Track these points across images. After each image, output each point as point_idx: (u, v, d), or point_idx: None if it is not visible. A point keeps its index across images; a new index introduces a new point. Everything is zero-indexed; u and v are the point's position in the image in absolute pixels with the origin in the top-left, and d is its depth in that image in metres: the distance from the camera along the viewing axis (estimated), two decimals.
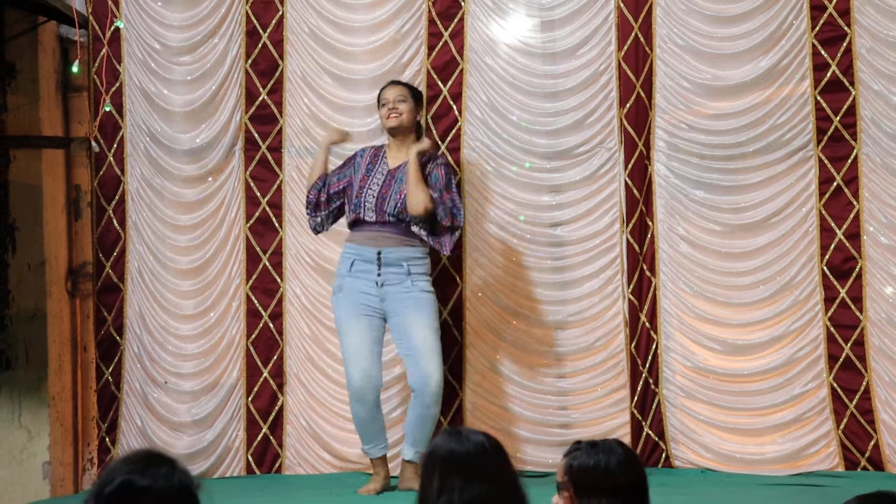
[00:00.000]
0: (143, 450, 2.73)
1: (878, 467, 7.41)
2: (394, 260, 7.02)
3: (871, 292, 7.50)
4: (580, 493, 3.71)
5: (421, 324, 6.96)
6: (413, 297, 6.99)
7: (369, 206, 7.05)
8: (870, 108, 7.51)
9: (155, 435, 7.98)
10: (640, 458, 3.99)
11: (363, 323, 7.03)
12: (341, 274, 7.11)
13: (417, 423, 6.98)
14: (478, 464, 3.59)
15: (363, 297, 7.04)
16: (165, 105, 8.08)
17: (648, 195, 7.70)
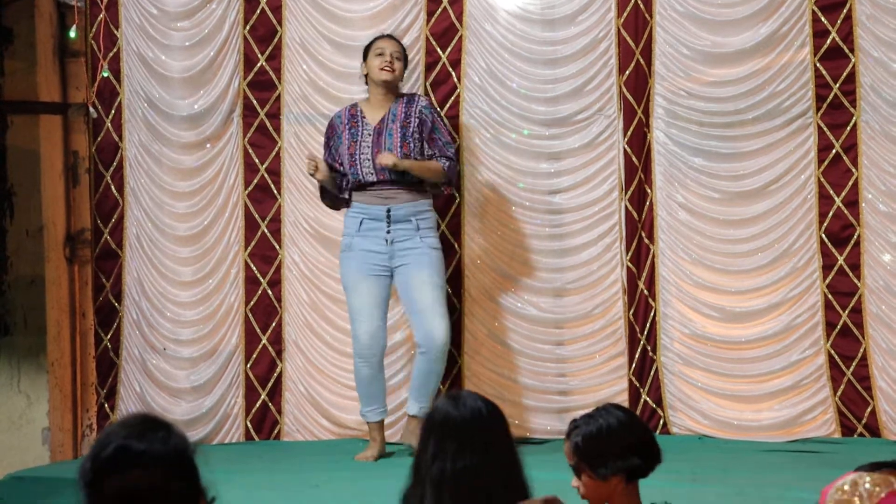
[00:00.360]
0: (140, 414, 2.72)
1: (875, 434, 7.44)
2: (402, 216, 7.03)
3: (869, 259, 7.51)
4: (594, 465, 3.72)
5: (428, 281, 6.97)
6: (421, 254, 7.00)
7: (367, 170, 7.05)
8: (869, 75, 7.50)
9: (154, 401, 7.99)
10: (637, 416, 3.99)
11: (371, 283, 7.04)
12: (349, 233, 7.13)
13: (422, 378, 7.01)
14: (473, 430, 3.60)
15: (372, 257, 7.05)
16: (163, 71, 8.06)
17: (647, 163, 7.69)
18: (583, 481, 3.77)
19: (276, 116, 8.01)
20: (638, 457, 3.76)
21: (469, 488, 3.55)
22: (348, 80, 7.90)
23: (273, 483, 6.64)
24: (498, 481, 3.56)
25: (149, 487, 2.55)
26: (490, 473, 3.56)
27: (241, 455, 7.40)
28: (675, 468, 6.51)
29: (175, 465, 2.59)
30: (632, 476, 3.78)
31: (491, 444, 3.60)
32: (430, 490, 3.60)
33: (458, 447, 3.58)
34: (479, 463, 3.56)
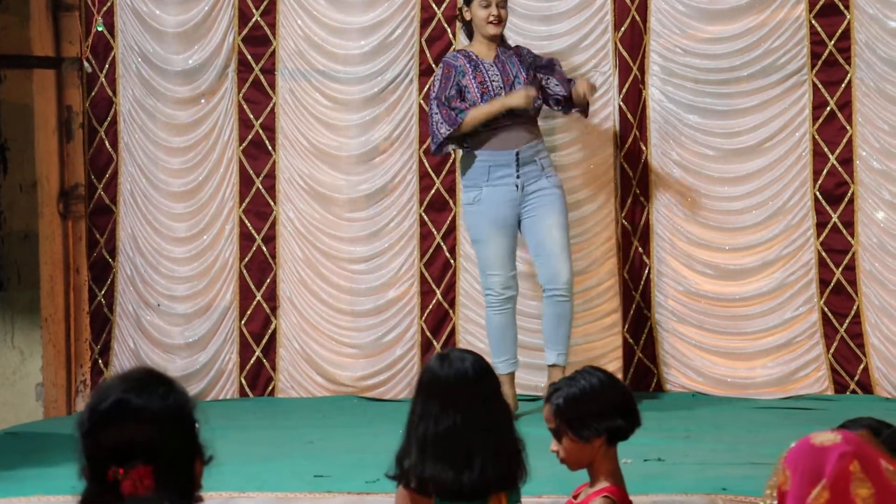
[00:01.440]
0: (142, 368, 2.73)
1: (867, 391, 7.46)
2: (529, 158, 6.88)
3: (863, 217, 7.51)
4: (576, 426, 3.72)
5: (551, 221, 6.86)
6: (549, 195, 6.88)
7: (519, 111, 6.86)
8: (864, 32, 7.48)
9: (148, 357, 7.99)
10: (618, 378, 3.99)
11: (502, 233, 6.89)
12: (477, 184, 6.91)
13: (552, 322, 6.90)
14: (456, 391, 3.61)
15: (504, 207, 6.89)
16: (157, 25, 8.02)
17: (642, 120, 7.68)
18: (563, 445, 3.75)
19: (271, 72, 7.98)
20: (618, 418, 3.76)
21: (451, 448, 3.56)
22: (344, 36, 7.87)
23: (267, 439, 6.67)
24: (483, 441, 3.57)
25: (144, 442, 2.55)
26: (473, 433, 3.57)
27: (236, 411, 7.43)
28: (669, 425, 6.55)
29: (172, 421, 2.60)
30: (612, 438, 3.77)
31: (475, 404, 3.60)
32: (414, 449, 3.62)
33: (441, 407, 3.60)
34: (461, 423, 3.57)
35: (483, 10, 6.91)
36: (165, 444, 2.57)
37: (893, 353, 7.41)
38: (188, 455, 2.61)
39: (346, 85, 7.91)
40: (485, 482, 3.56)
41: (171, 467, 2.56)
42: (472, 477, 3.54)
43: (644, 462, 5.52)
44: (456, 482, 3.54)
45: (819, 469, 2.57)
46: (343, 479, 5.54)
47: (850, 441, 2.61)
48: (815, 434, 2.66)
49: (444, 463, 3.56)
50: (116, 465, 2.54)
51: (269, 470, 5.82)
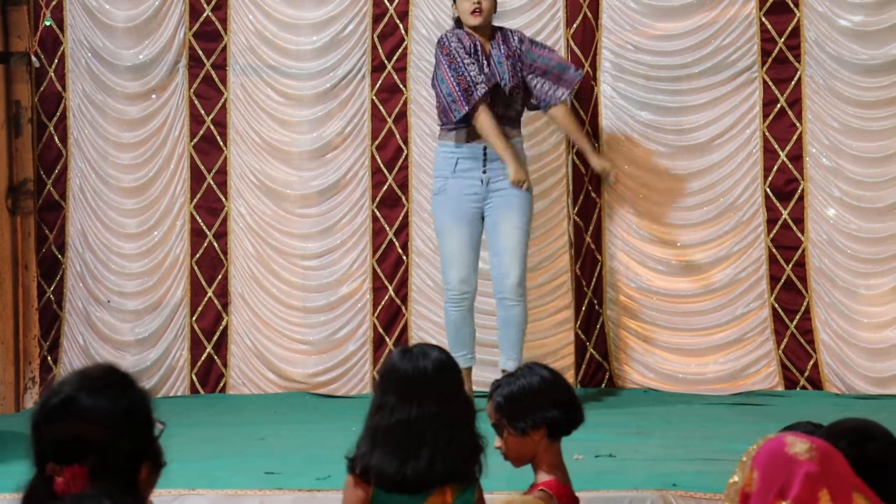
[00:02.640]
0: (102, 366, 2.70)
1: (817, 386, 7.51)
2: (496, 154, 6.84)
3: (813, 214, 7.56)
4: (518, 420, 3.73)
5: (515, 223, 6.84)
6: (515, 195, 6.83)
7: (499, 97, 6.84)
8: (814, 29, 7.52)
9: (98, 354, 7.95)
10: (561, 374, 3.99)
11: (464, 227, 6.87)
12: (443, 175, 6.91)
13: (502, 326, 6.90)
14: (414, 385, 3.60)
15: (468, 199, 6.87)
16: (107, 20, 7.97)
17: (594, 116, 7.69)
18: (504, 439, 3.76)
19: (223, 67, 7.94)
20: (558, 411, 3.77)
21: (400, 440, 3.55)
22: (295, 31, 7.84)
23: (217, 436, 6.64)
24: (436, 435, 3.56)
25: (87, 441, 2.53)
26: (426, 427, 3.56)
27: (187, 408, 7.39)
28: (620, 421, 6.57)
29: (120, 424, 2.57)
30: (553, 432, 3.77)
31: (432, 399, 3.59)
32: (366, 440, 3.61)
33: (397, 399, 3.59)
34: (415, 416, 3.56)
35: (465, 2, 6.89)
36: (110, 447, 2.54)
37: (843, 349, 7.46)
38: (134, 460, 2.59)
39: (298, 80, 7.89)
40: (431, 475, 3.54)
41: (112, 470, 2.54)
42: (417, 468, 3.53)
43: (595, 458, 5.52)
44: (398, 473, 3.53)
45: (787, 482, 2.55)
46: (294, 475, 5.51)
47: (823, 457, 2.58)
48: (789, 438, 2.63)
49: (390, 453, 3.55)
50: (56, 461, 2.52)
51: (219, 467, 5.79)
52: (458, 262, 6.88)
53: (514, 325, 6.87)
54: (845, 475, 2.61)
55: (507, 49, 6.92)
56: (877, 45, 7.45)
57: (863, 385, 7.41)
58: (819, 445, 2.62)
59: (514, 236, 6.85)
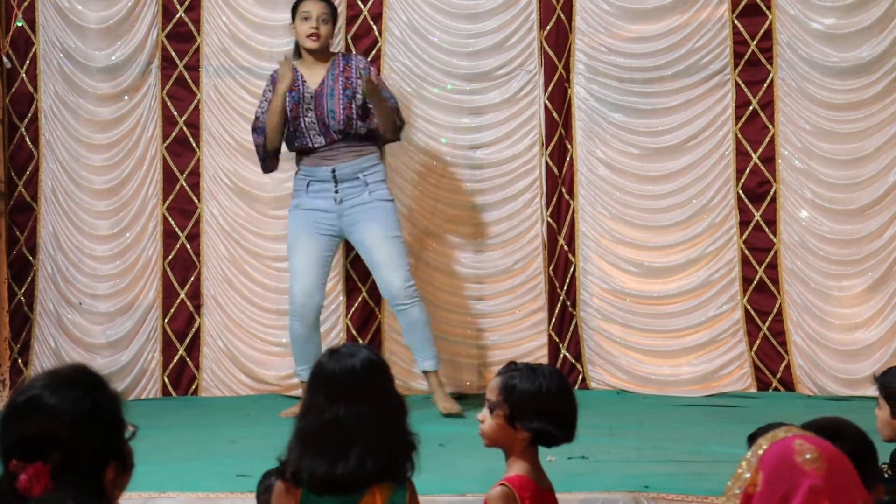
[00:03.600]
0: (72, 365, 2.71)
1: (789, 388, 7.54)
2: (349, 174, 6.93)
3: (785, 216, 7.59)
4: (518, 415, 3.70)
5: (380, 234, 6.90)
6: (372, 209, 6.91)
7: (314, 133, 6.93)
8: (786, 32, 7.55)
9: (69, 356, 7.91)
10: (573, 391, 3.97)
11: (313, 241, 6.95)
12: (298, 193, 7.03)
13: (406, 331, 6.98)
14: (341, 384, 3.58)
15: (319, 216, 6.96)
16: (80, 21, 7.94)
17: (568, 118, 7.70)
18: (493, 418, 3.74)
19: (196, 69, 7.92)
20: (555, 426, 3.75)
21: (329, 440, 3.53)
22: (269, 33, 7.83)
23: (189, 439, 6.62)
24: (365, 435, 3.52)
25: (50, 438, 2.53)
26: (355, 427, 3.52)
27: (158, 411, 7.36)
28: (594, 423, 6.55)
29: (85, 424, 2.56)
30: (538, 440, 3.76)
31: (361, 398, 3.56)
32: (295, 443, 3.59)
33: (326, 400, 3.57)
34: (343, 416, 3.53)
35: (303, 24, 6.97)
36: (73, 445, 2.54)
37: (815, 350, 7.49)
38: (99, 460, 2.58)
39: None
40: (362, 475, 3.51)
41: (76, 469, 2.53)
42: (347, 468, 3.49)
43: (568, 460, 5.52)
44: (328, 473, 3.51)
45: (790, 491, 2.54)
46: None
47: (829, 469, 2.57)
48: (798, 442, 2.61)
49: (320, 454, 3.53)
50: (20, 459, 2.51)
51: (190, 469, 5.78)
52: (303, 276, 6.97)
53: (417, 325, 6.93)
54: (851, 487, 2.60)
55: (344, 77, 6.96)
56: (848, 48, 7.48)
57: (835, 386, 7.44)
58: (828, 454, 2.60)
59: (383, 246, 6.91)
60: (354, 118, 6.92)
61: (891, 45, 7.44)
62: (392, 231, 6.95)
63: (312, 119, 6.93)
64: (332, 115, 6.91)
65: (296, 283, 6.98)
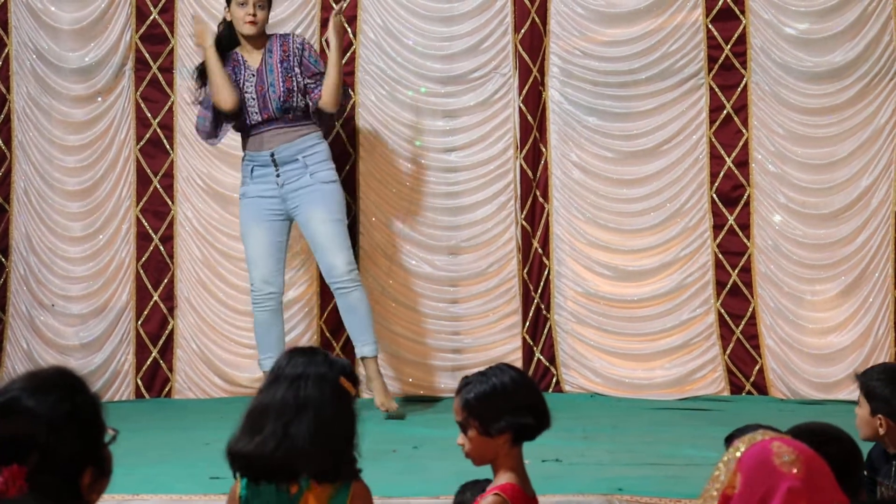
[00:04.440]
0: (54, 368, 2.71)
1: (763, 391, 7.56)
2: (288, 157, 6.96)
3: (759, 219, 7.61)
4: (485, 421, 3.70)
5: (322, 217, 6.92)
6: (313, 191, 6.93)
7: (253, 110, 6.96)
8: (760, 36, 7.58)
9: (41, 358, 7.89)
10: (531, 377, 3.97)
11: (264, 228, 6.99)
12: (244, 181, 7.07)
13: (346, 315, 6.98)
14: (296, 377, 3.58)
15: (265, 202, 7.00)
16: (53, 22, 7.92)
17: (542, 121, 7.72)
18: (469, 437, 3.73)
19: (169, 71, 7.91)
20: (527, 417, 3.75)
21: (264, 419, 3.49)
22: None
23: (163, 441, 6.60)
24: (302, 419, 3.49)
25: (26, 440, 2.53)
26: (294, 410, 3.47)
27: (131, 413, 7.34)
28: (567, 426, 6.57)
29: (62, 427, 2.56)
30: (519, 437, 3.75)
31: (308, 388, 3.55)
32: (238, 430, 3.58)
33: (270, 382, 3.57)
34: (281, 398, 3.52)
35: (240, 9, 7.00)
36: (50, 448, 2.53)
37: (788, 354, 7.51)
38: (77, 464, 2.57)
39: None
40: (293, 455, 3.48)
41: (53, 472, 2.52)
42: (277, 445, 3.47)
43: (542, 462, 5.53)
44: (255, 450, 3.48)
45: (769, 493, 2.55)
46: None
47: (808, 471, 2.58)
48: (776, 445, 2.61)
49: (248, 432, 3.52)
50: None
51: (164, 472, 5.76)
52: (259, 262, 7.02)
53: (357, 310, 6.94)
54: (829, 489, 2.61)
55: (282, 52, 6.99)
56: (821, 53, 7.51)
57: (807, 390, 7.46)
58: (805, 457, 2.62)
59: (326, 228, 6.93)
60: (294, 90, 6.93)
61: (864, 50, 7.47)
62: (334, 214, 6.95)
63: (252, 94, 6.95)
64: (272, 88, 6.93)
65: (254, 271, 7.02)
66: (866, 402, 4.28)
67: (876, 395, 4.25)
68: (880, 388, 4.26)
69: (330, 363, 3.62)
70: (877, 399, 4.25)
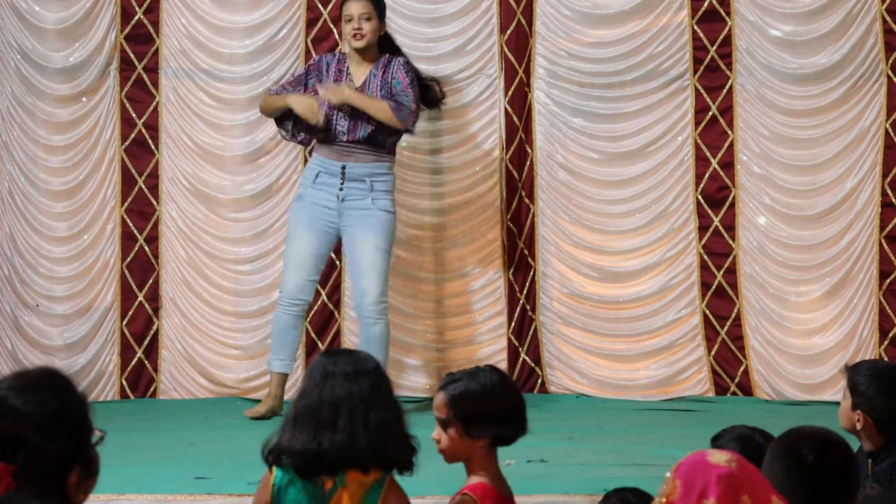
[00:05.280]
0: (43, 368, 2.73)
1: (747, 392, 7.57)
2: (357, 175, 6.93)
3: (744, 221, 7.62)
4: (468, 422, 3.69)
5: (370, 243, 6.89)
6: (370, 216, 6.90)
7: (341, 129, 6.92)
8: (745, 38, 7.59)
9: (26, 358, 7.86)
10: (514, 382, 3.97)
11: (313, 236, 6.97)
12: (305, 184, 7.05)
13: (364, 345, 6.89)
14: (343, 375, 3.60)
15: (322, 211, 6.97)
16: (37, 22, 7.89)
17: (528, 122, 7.72)
18: (449, 435, 3.71)
19: (155, 71, 7.89)
20: (510, 424, 3.74)
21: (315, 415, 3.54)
22: (228, 35, 7.81)
23: (148, 441, 6.60)
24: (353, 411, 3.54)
25: (13, 439, 2.53)
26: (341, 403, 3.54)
27: (116, 413, 7.32)
28: (553, 426, 6.58)
29: (50, 426, 2.57)
30: (498, 441, 3.75)
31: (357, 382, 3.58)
32: (284, 424, 3.63)
33: (320, 380, 3.60)
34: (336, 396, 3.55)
35: (347, 25, 7.01)
36: (37, 447, 2.53)
37: (773, 355, 7.53)
38: (64, 463, 2.57)
39: (231, 84, 7.85)
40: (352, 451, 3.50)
41: (40, 471, 2.53)
42: (334, 439, 3.50)
43: (527, 463, 5.54)
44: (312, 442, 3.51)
45: (706, 484, 2.57)
46: (224, 481, 5.49)
47: (741, 465, 2.60)
48: (710, 451, 2.67)
49: (304, 430, 3.54)
50: None
51: (149, 472, 5.75)
52: (298, 268, 7.00)
53: (376, 343, 6.87)
54: (764, 483, 2.63)
55: (383, 79, 6.98)
56: (807, 55, 7.53)
57: (792, 391, 7.48)
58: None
59: (370, 255, 6.92)
60: (384, 126, 6.90)
61: (849, 52, 7.48)
62: (383, 243, 6.93)
63: (345, 115, 6.90)
64: (365, 118, 6.89)
65: (290, 275, 7.00)
66: (850, 395, 4.31)
67: (859, 391, 4.29)
68: (864, 385, 4.29)
69: (368, 359, 3.67)
70: (859, 395, 4.28)
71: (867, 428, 4.26)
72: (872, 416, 4.25)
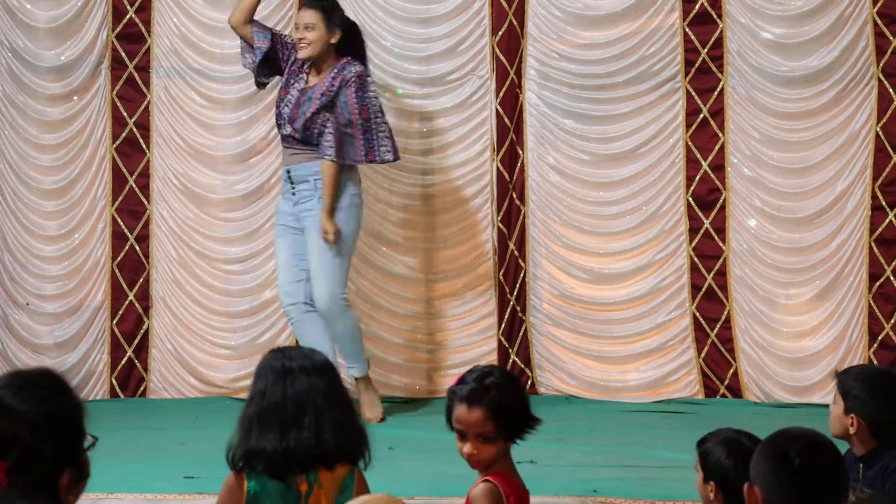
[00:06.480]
0: (40, 368, 2.74)
1: (737, 395, 7.58)
2: (302, 177, 6.94)
3: (734, 223, 7.63)
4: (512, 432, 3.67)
5: (315, 244, 6.90)
6: (316, 216, 6.89)
7: (282, 121, 6.97)
8: (736, 41, 7.60)
9: (16, 357, 7.87)
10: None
11: (286, 240, 7.05)
12: (280, 192, 7.18)
13: (333, 339, 6.96)
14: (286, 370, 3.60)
15: (284, 217, 7.06)
16: (28, 20, 7.89)
17: (519, 124, 7.73)
18: (491, 446, 3.67)
19: (146, 70, 7.89)
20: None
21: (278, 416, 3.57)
22: (220, 35, 7.80)
23: (138, 441, 6.60)
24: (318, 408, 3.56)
25: (6, 438, 2.54)
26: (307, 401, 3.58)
27: (106, 413, 7.32)
28: (542, 428, 6.52)
29: (44, 426, 2.58)
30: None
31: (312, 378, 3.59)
32: (240, 427, 3.68)
33: (273, 382, 3.62)
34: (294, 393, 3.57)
35: (295, 33, 7.00)
36: (30, 447, 2.54)
37: (762, 358, 7.54)
38: (56, 465, 2.58)
39: (223, 84, 7.86)
40: (321, 448, 3.51)
41: (32, 471, 2.53)
42: (301, 437, 3.51)
43: (516, 464, 5.54)
44: (282, 443, 3.51)
45: None
46: (214, 480, 5.44)
47: None
48: None
49: (270, 430, 3.54)
50: None
51: (139, 471, 5.76)
52: (282, 272, 7.12)
53: (342, 337, 6.97)
54: None
55: (330, 87, 6.87)
56: (798, 57, 7.54)
57: (781, 393, 7.49)
58: None
59: (316, 257, 6.92)
60: (314, 127, 6.87)
61: (840, 55, 7.49)
62: (329, 243, 6.89)
63: (288, 110, 6.92)
64: (302, 115, 6.88)
65: (279, 280, 7.14)
66: (841, 400, 4.32)
67: (852, 395, 4.30)
68: (857, 389, 4.30)
69: (318, 353, 3.68)
70: (852, 398, 4.29)
71: (860, 432, 4.27)
72: (866, 420, 4.26)
